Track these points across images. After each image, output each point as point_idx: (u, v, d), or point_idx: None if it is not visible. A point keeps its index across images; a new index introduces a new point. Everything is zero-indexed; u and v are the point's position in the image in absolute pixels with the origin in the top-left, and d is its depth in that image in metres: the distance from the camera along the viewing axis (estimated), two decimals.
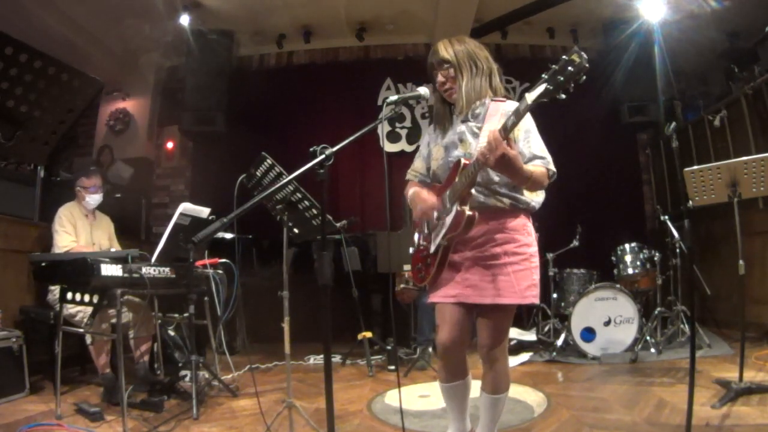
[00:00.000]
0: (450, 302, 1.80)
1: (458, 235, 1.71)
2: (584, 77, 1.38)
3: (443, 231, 1.73)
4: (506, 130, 1.53)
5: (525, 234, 1.79)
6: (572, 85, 1.39)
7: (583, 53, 1.37)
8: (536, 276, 1.77)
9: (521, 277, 1.72)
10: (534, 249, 1.80)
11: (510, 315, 1.78)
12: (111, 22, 5.28)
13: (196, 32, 5.41)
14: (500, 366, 1.78)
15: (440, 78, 1.83)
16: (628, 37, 5.28)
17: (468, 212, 1.65)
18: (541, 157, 1.74)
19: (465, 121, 1.83)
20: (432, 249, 1.80)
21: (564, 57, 1.39)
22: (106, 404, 2.87)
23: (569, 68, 1.37)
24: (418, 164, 2.02)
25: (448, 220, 1.71)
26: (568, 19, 5.68)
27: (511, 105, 1.76)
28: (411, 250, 1.98)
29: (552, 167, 1.75)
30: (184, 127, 5.79)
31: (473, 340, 1.84)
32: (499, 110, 1.75)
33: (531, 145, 1.75)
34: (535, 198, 1.83)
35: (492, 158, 1.53)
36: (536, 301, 1.75)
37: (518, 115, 1.50)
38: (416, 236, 1.95)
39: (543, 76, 1.43)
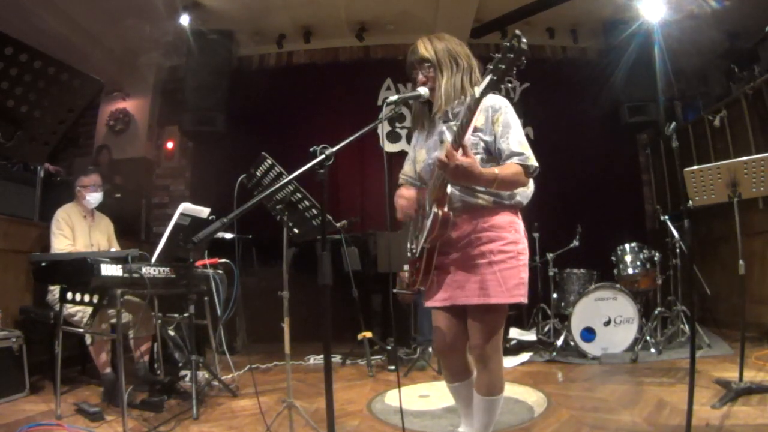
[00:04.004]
0: (443, 306, 1.78)
1: (438, 237, 1.66)
2: (524, 61, 1.37)
3: (424, 234, 1.70)
4: (456, 142, 1.51)
5: (511, 231, 1.72)
6: (514, 70, 1.38)
7: (522, 37, 1.35)
8: (524, 274, 1.71)
9: (508, 275, 1.67)
10: (522, 246, 1.74)
11: (501, 314, 1.73)
12: (111, 22, 5.27)
13: (196, 32, 5.41)
14: (494, 366, 1.73)
15: (421, 77, 1.78)
16: (628, 37, 5.27)
17: (440, 213, 1.61)
18: (519, 154, 1.66)
19: (446, 120, 1.79)
20: (417, 253, 1.78)
21: (505, 43, 1.38)
22: (106, 404, 2.86)
23: (509, 55, 1.37)
24: (407, 168, 1.98)
25: (428, 222, 1.67)
26: (568, 19, 5.67)
27: (493, 99, 1.72)
28: (408, 254, 1.94)
29: (532, 162, 1.67)
30: (184, 127, 5.79)
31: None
32: (480, 107, 1.69)
33: (509, 141, 1.67)
34: (522, 192, 1.76)
35: (448, 172, 1.52)
36: (524, 300, 1.69)
37: (471, 112, 1.48)
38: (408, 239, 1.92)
39: (488, 66, 1.42)
